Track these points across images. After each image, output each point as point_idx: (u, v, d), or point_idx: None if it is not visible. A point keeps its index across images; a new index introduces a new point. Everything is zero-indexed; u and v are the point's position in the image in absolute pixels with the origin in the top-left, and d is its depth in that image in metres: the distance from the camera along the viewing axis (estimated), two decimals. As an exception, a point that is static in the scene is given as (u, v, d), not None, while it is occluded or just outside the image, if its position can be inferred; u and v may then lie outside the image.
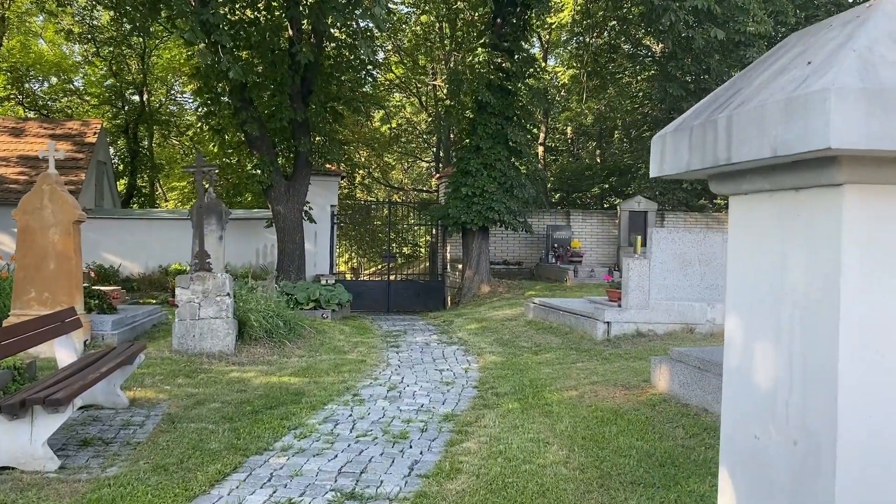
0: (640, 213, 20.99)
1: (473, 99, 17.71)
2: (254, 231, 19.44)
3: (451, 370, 8.44)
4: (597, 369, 8.04)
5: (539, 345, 9.63)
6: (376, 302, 20.24)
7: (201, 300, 8.60)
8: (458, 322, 12.49)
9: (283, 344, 8.95)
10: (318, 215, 18.83)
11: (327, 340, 9.85)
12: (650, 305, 9.62)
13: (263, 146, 16.68)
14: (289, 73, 15.98)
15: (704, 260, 9.76)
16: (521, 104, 17.84)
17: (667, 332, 9.68)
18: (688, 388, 6.27)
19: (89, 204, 20.49)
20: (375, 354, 9.27)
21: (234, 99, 16.09)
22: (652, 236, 9.58)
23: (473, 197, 17.20)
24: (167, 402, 6.73)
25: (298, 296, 12.00)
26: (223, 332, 8.58)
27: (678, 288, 9.72)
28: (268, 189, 16.85)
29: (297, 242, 17.05)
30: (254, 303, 9.05)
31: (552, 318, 11.05)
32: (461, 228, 17.78)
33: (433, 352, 9.66)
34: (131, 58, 27.46)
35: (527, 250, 21.50)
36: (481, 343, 10.01)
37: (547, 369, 8.22)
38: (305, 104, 16.71)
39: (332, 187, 20.09)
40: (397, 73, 31.42)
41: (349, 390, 7.35)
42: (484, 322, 11.99)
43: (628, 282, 9.52)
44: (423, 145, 38.35)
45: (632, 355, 8.72)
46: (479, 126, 17.25)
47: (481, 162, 17.28)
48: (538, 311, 11.65)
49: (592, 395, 6.80)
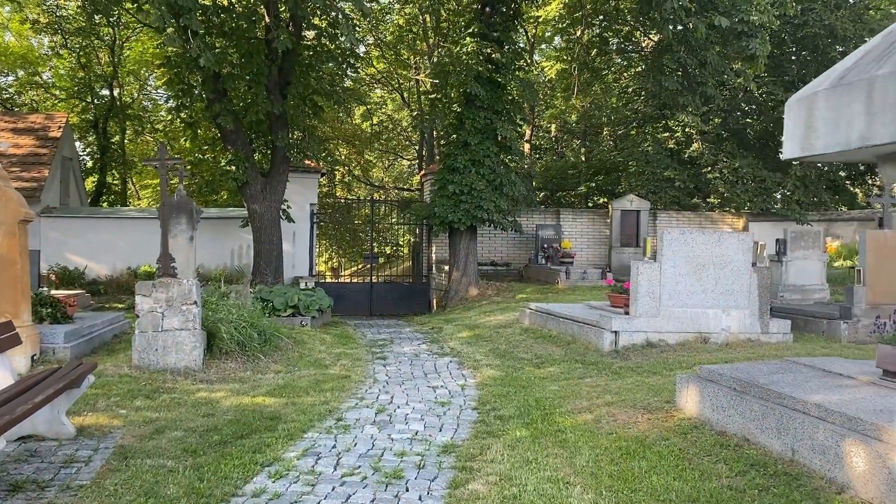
0: (633, 212, 20.27)
1: (461, 92, 16.85)
2: (229, 231, 18.45)
3: (446, 387, 7.57)
4: (609, 386, 7.21)
5: (540, 356, 8.79)
6: (358, 305, 19.34)
7: (165, 309, 7.66)
8: (448, 329, 11.63)
9: (258, 358, 8.03)
10: (297, 214, 17.88)
11: (307, 352, 8.93)
12: (661, 313, 8.82)
13: (238, 141, 15.72)
14: (265, 62, 15.03)
15: (719, 263, 8.97)
16: (510, 98, 17.00)
17: (679, 342, 8.88)
18: (723, 413, 5.45)
19: (54, 202, 19.38)
20: (361, 368, 8.37)
21: (207, 90, 15.11)
22: (663, 238, 8.77)
23: (461, 195, 16.35)
24: (121, 430, 5.80)
25: (275, 302, 11.07)
26: (189, 346, 7.65)
27: (691, 294, 8.93)
28: (243, 186, 15.90)
29: (275, 243, 16.10)
30: (224, 312, 8.12)
31: (551, 326, 10.22)
32: (448, 228, 16.92)
33: (424, 364, 8.78)
34: (101, 49, 26.28)
35: (515, 251, 20.69)
36: (476, 354, 9.15)
37: (553, 386, 7.37)
38: (283, 96, 15.76)
39: (312, 185, 19.15)
40: (378, 67, 30.47)
41: (332, 413, 6.46)
42: (476, 330, 11.14)
43: (637, 287, 8.71)
44: (405, 143, 37.45)
45: (644, 369, 7.90)
46: (467, 120, 16.40)
47: (469, 158, 16.43)
48: (535, 318, 10.82)
49: (610, 420, 5.97)
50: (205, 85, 15.18)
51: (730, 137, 22.42)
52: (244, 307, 8.96)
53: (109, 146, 26.39)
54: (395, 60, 28.76)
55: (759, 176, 21.18)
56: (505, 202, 16.81)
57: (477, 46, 15.59)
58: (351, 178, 35.76)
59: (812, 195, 21.78)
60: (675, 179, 21.62)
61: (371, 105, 31.64)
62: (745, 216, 21.53)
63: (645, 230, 20.28)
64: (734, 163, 21.14)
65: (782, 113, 18.23)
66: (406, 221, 22.15)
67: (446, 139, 17.54)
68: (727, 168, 21.26)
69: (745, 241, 9.06)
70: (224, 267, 18.42)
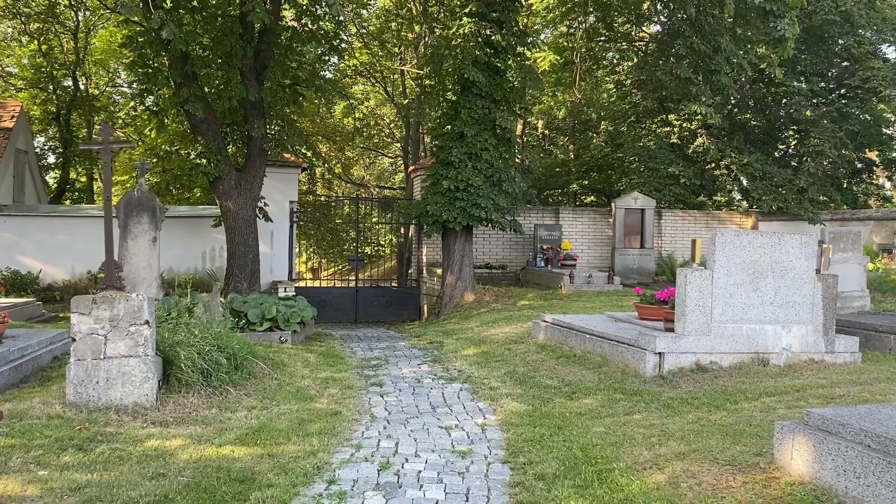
0: (637, 210, 18.92)
1: (456, 79, 15.35)
2: (200, 231, 16.83)
3: (463, 427, 6.07)
4: (668, 427, 5.76)
5: (569, 383, 7.31)
6: (342, 312, 17.81)
7: (109, 331, 6.09)
8: (449, 344, 10.12)
9: (226, 390, 6.46)
10: (276, 213, 16.31)
11: (287, 379, 7.39)
12: (712, 330, 7.38)
13: (209, 131, 14.14)
14: (239, 43, 13.44)
15: (779, 270, 7.56)
16: (510, 85, 15.53)
17: (733, 365, 7.46)
18: (858, 482, 4.01)
19: (6, 198, 17.63)
20: (353, 400, 6.85)
21: (174, 74, 13.50)
22: (716, 240, 7.34)
23: (456, 192, 14.86)
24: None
25: (250, 314, 9.51)
26: (140, 377, 6.08)
27: (747, 307, 7.50)
28: (215, 182, 14.33)
29: (251, 244, 14.52)
30: (185, 332, 6.55)
31: (573, 343, 8.76)
32: (442, 228, 15.41)
33: (430, 393, 7.27)
34: (65, 36, 24.45)
35: (511, 252, 19.24)
36: (491, 379, 7.65)
37: (596, 426, 5.90)
38: (259, 82, 14.19)
39: (292, 180, 17.57)
40: (361, 59, 28.87)
41: (321, 471, 4.94)
42: (484, 346, 9.64)
43: (685, 300, 7.26)
44: (388, 140, 35.88)
45: (702, 401, 6.46)
46: (463, 110, 14.90)
47: (465, 151, 14.94)
48: (553, 333, 9.35)
49: (692, 482, 4.51)
50: (172, 68, 13.58)
51: (736, 132, 21.14)
52: (211, 323, 7.41)
53: (73, 139, 24.57)
54: (381, 50, 27.14)
55: (769, 173, 19.91)
56: (504, 200, 15.35)
57: (475, 27, 14.09)
58: (332, 175, 34.15)
59: (821, 193, 20.55)
60: (681, 176, 20.29)
61: (353, 100, 30.06)
62: (755, 215, 20.25)
63: (650, 230, 18.93)
64: (742, 158, 19.86)
65: (790, 106, 16.94)
66: (394, 221, 20.67)
67: (439, 130, 16.01)
68: (735, 164, 19.96)
69: (808, 244, 7.66)
70: (195, 271, 16.81)
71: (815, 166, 19.74)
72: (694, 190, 21.22)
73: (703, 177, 21.20)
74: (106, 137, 6.75)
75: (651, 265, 18.77)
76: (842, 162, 21.00)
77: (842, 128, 20.08)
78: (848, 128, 19.97)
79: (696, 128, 22.08)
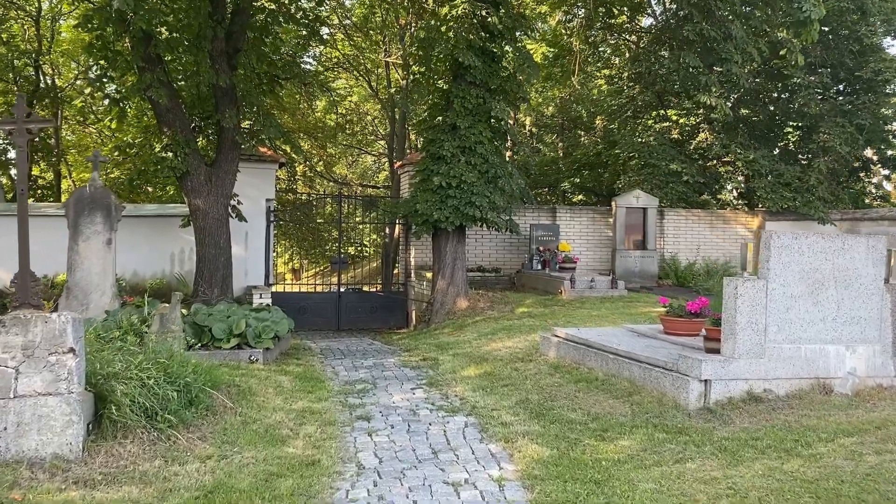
0: (639, 209, 17.73)
1: (448, 65, 14.08)
2: (169, 231, 15.42)
3: (473, 482, 4.79)
4: (735, 482, 4.53)
5: (596, 417, 6.06)
6: (324, 319, 16.48)
7: (21, 362, 4.77)
8: (446, 361, 8.82)
9: (175, 434, 5.15)
10: (251, 212, 14.96)
11: (255, 413, 6.07)
12: (767, 352, 6.17)
13: (176, 121, 12.78)
14: (209, 23, 12.08)
15: (843, 280, 6.36)
16: (507, 73, 14.27)
17: (792, 393, 6.24)
18: None
19: (-47, 196, 16.11)
20: (335, 443, 5.54)
21: (136, 57, 12.13)
22: (770, 244, 6.12)
23: (448, 189, 13.58)
24: None
25: (215, 329, 8.17)
26: (61, 421, 4.76)
27: (806, 323, 6.30)
28: (183, 177, 12.98)
29: (222, 247, 13.17)
30: (122, 361, 5.22)
31: (593, 363, 7.51)
32: (432, 228, 14.13)
33: (429, 430, 5.99)
34: (26, 22, 22.88)
35: (505, 254, 17.98)
36: (501, 411, 6.37)
37: (644, 481, 4.65)
38: (231, 67, 12.85)
39: (268, 177, 16.20)
40: (344, 51, 27.50)
41: (292, 560, 3.66)
42: (486, 364, 8.36)
43: (735, 316, 6.04)
44: (371, 137, 34.53)
45: (768, 443, 5.24)
46: (456, 99, 13.62)
47: (458, 145, 13.67)
48: (567, 350, 8.10)
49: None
50: (134, 50, 12.20)
51: (739, 126, 20.02)
52: (160, 346, 6.09)
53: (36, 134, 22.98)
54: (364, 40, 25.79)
55: (776, 170, 18.81)
56: (500, 197, 14.09)
57: (470, 7, 12.81)
58: (313, 173, 32.74)
59: (830, 192, 19.48)
60: (683, 173, 19.13)
61: (335, 95, 28.70)
62: (761, 215, 19.14)
63: (653, 230, 17.76)
64: (748, 154, 18.73)
65: (799, 99, 15.65)
66: (380, 220, 19.39)
67: (429, 122, 14.73)
68: (741, 161, 18.83)
69: (875, 249, 6.46)
70: (162, 275, 15.41)
71: (826, 163, 18.65)
72: (697, 188, 20.09)
73: (705, 174, 20.07)
74: (20, 115, 5.39)
75: (654, 268, 17.60)
76: (851, 158, 19.95)
77: (852, 122, 19.02)
78: (859, 122, 18.90)
79: (699, 122, 20.94)
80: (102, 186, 10.25)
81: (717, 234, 19.08)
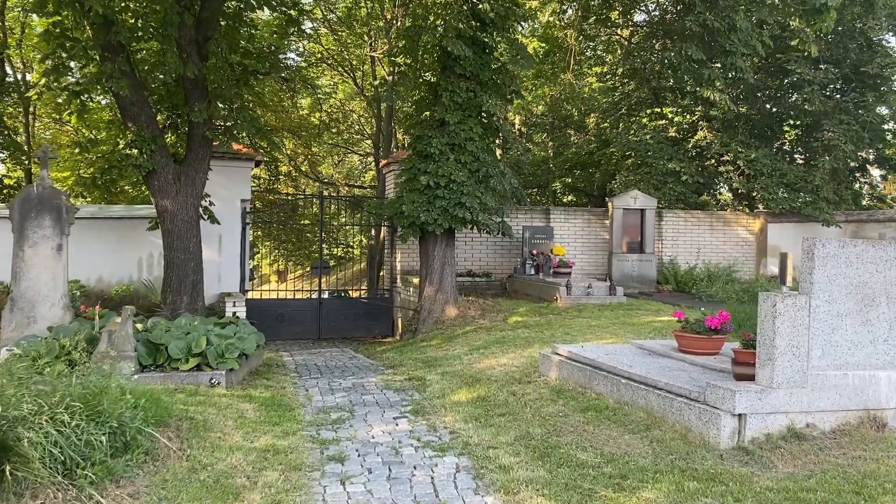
0: (636, 210, 16.86)
1: (436, 56, 13.15)
2: (137, 235, 14.39)
3: (469, 554, 3.86)
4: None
5: (611, 458, 5.13)
6: (303, 327, 15.51)
7: None
8: (433, 382, 7.87)
9: (97, 495, 4.17)
10: (224, 213, 14.00)
11: (207, 455, 5.09)
12: (810, 380, 5.27)
13: (142, 115, 11.80)
14: (177, 8, 11.08)
15: (894, 295, 5.48)
16: (498, 66, 13.35)
17: (839, 428, 5.35)
18: None
19: None
20: (300, 496, 4.58)
21: (96, 44, 11.12)
22: (814, 253, 5.22)
23: (437, 189, 12.66)
24: None
25: (172, 347, 7.18)
26: (-51, 481, 3.78)
27: (854, 346, 5.41)
28: (149, 176, 12.01)
29: (192, 251, 12.19)
30: (29, 403, 4.23)
31: (602, 388, 6.59)
32: (419, 231, 13.19)
33: (413, 477, 5.04)
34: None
35: (496, 258, 17.06)
36: (498, 450, 5.43)
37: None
38: (202, 56, 11.87)
39: (244, 176, 15.17)
40: (327, 45, 26.49)
41: None
42: (479, 386, 7.42)
43: (774, 338, 5.14)
44: (357, 136, 33.54)
45: (822, 496, 4.33)
46: (444, 93, 12.70)
47: (447, 142, 12.75)
48: (570, 372, 7.18)
49: None
50: (94, 38, 11.18)
51: (740, 124, 19.19)
52: (101, 371, 5.13)
53: (2, 131, 21.85)
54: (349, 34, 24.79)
55: (779, 169, 17.98)
56: (492, 198, 13.18)
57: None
58: (298, 173, 31.72)
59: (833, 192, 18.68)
60: (682, 172, 18.27)
61: (318, 91, 27.69)
62: (763, 216, 18.32)
63: (651, 232, 16.89)
64: (749, 153, 17.90)
65: (803, 95, 14.73)
66: (363, 223, 18.47)
67: (416, 118, 13.79)
68: (742, 160, 17.99)
69: (932, 259, 5.57)
70: (129, 281, 14.39)
71: (830, 162, 17.83)
72: (695, 188, 19.25)
73: (704, 174, 19.23)
74: None
75: (652, 272, 16.73)
76: (855, 157, 19.17)
77: (857, 120, 18.23)
78: (866, 119, 18.11)
79: (697, 119, 20.09)
80: (52, 186, 9.23)
81: (718, 237, 18.23)
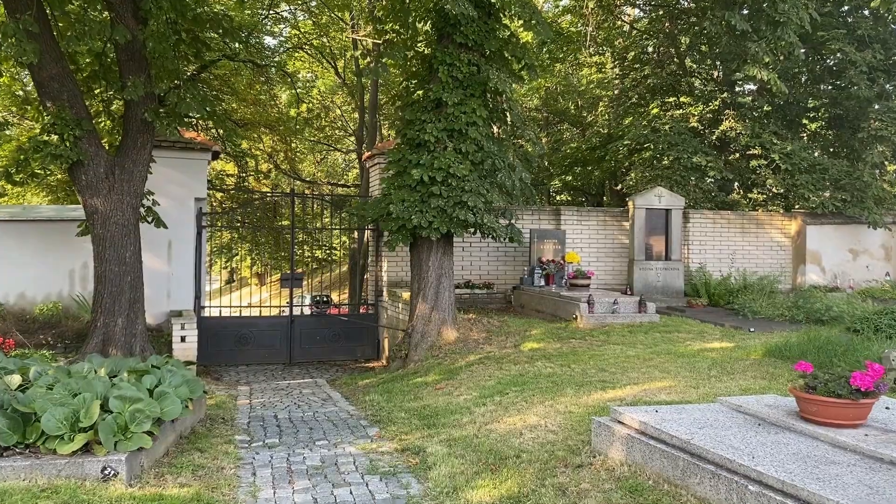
0: (661, 210, 14.55)
1: (431, 21, 10.77)
2: (69, 240, 11.87)
3: None
4: None
5: None
6: (271, 351, 13.08)
7: None
8: (439, 462, 5.46)
9: None
10: (175, 215, 11.55)
11: None
12: None
13: (63, 92, 9.41)
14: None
15: None
16: (507, 35, 10.98)
17: None
18: None
19: None
20: None
21: (3, 5, 8.68)
22: None
23: (432, 185, 10.27)
24: None
25: (47, 419, 4.66)
26: None
27: None
28: (74, 169, 9.61)
29: (129, 262, 9.76)
30: None
31: (706, 490, 4.21)
32: (411, 237, 10.80)
33: None
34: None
35: (498, 265, 14.69)
36: None
37: None
38: (138, 20, 9.45)
39: (199, 170, 12.64)
40: (304, 29, 24.02)
41: None
42: (505, 471, 5.04)
43: None
44: (340, 133, 31.11)
45: None
46: (441, 66, 10.31)
47: (444, 127, 10.36)
48: (644, 454, 4.79)
49: None
50: None
51: (774, 113, 16.96)
52: None
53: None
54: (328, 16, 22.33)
55: (820, 164, 15.77)
56: (499, 196, 10.82)
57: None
58: (277, 171, 29.22)
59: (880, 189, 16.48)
60: (709, 167, 15.99)
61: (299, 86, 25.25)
62: (800, 217, 16.07)
63: (677, 235, 14.60)
64: (785, 146, 15.67)
65: (849, 79, 12.05)
66: (343, 226, 16.11)
67: (407, 98, 11.39)
68: (777, 153, 15.73)
69: None
70: (59, 297, 11.90)
71: (878, 155, 15.64)
72: (723, 186, 17.00)
73: (732, 169, 16.98)
74: None
75: (679, 282, 14.43)
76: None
77: (904, 108, 16.06)
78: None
79: (720, 107, 17.80)
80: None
81: (749, 241, 15.96)
